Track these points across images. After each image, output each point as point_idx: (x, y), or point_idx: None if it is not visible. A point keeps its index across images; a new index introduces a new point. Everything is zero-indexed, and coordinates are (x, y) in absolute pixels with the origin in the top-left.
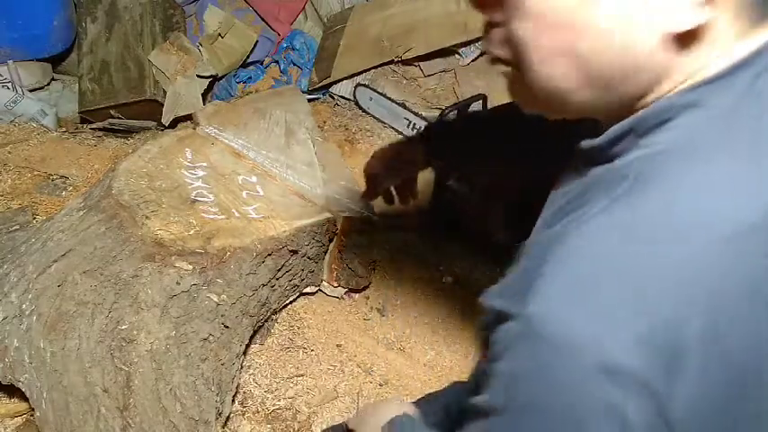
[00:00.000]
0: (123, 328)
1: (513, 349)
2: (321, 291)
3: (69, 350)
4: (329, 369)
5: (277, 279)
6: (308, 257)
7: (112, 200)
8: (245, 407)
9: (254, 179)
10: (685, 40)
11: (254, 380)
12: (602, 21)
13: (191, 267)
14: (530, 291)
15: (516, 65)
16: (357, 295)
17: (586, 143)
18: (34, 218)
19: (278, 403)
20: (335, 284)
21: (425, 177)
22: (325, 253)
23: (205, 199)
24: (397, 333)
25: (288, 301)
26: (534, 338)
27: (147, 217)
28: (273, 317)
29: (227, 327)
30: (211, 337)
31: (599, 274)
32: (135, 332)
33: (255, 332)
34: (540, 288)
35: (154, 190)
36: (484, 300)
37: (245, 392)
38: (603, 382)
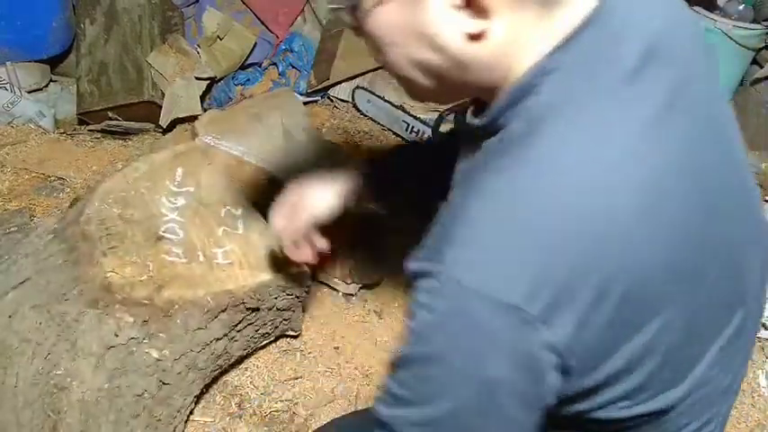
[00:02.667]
0: (58, 373)
1: (433, 301)
2: (333, 288)
3: (7, 386)
4: (327, 371)
5: (238, 331)
6: (278, 309)
7: (78, 229)
8: (242, 409)
9: (239, 212)
10: (479, 37)
11: (251, 382)
12: (416, 40)
13: (132, 320)
14: (442, 253)
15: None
16: (354, 298)
17: (475, 121)
18: (32, 219)
19: (275, 406)
20: (349, 281)
21: None
22: (301, 302)
23: (173, 236)
24: (395, 335)
25: (261, 345)
26: (448, 291)
27: (104, 254)
28: None
29: (167, 383)
30: (146, 394)
31: (494, 234)
32: (68, 379)
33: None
34: (449, 251)
35: (124, 220)
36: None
37: (242, 395)
38: (504, 318)
